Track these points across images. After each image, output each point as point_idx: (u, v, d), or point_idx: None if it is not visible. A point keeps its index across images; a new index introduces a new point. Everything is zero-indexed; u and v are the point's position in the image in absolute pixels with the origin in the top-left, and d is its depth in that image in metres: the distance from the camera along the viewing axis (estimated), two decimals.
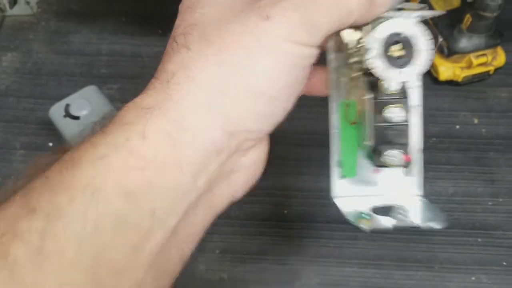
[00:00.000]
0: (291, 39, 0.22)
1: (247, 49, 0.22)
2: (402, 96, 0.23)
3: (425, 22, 0.23)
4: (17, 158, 0.42)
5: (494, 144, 0.42)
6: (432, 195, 0.40)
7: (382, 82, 0.23)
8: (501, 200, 0.39)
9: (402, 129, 0.23)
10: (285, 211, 0.39)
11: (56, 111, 0.41)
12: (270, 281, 0.37)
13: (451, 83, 0.45)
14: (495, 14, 0.41)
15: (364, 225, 0.25)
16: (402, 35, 0.22)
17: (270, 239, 0.39)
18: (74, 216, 0.19)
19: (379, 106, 0.23)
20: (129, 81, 0.47)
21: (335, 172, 0.26)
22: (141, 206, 0.20)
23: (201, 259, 0.37)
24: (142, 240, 0.20)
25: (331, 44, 0.25)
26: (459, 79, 0.45)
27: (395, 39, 0.22)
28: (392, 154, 0.24)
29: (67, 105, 0.41)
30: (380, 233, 0.38)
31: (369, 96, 0.24)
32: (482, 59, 0.44)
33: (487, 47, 0.44)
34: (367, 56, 0.22)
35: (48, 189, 0.20)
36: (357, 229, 0.26)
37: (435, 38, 0.44)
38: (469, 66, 0.44)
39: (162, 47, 0.55)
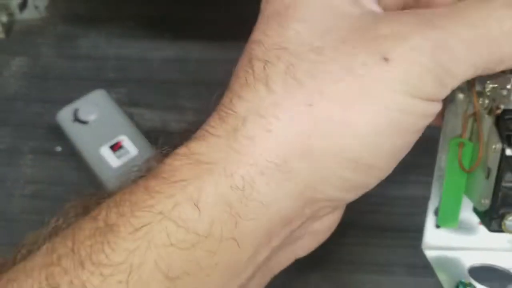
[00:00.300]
0: (414, 93, 0.16)
1: (347, 102, 0.16)
2: None
3: None
4: (25, 163, 0.42)
5: None
6: None
7: None
8: None
9: None
10: None
11: (64, 116, 0.41)
12: (279, 287, 0.37)
13: None
14: None
15: None
16: None
17: None
18: None
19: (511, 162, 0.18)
20: (137, 85, 0.47)
21: (430, 220, 0.23)
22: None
23: None
24: None
25: None
26: None
27: None
28: None
29: (76, 110, 0.41)
30: (391, 239, 0.38)
31: (498, 145, 0.19)
32: None
33: None
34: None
35: (75, 263, 0.17)
36: None
37: None
38: None
39: (170, 50, 0.55)
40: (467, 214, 0.22)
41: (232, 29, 0.53)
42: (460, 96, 0.20)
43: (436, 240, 0.22)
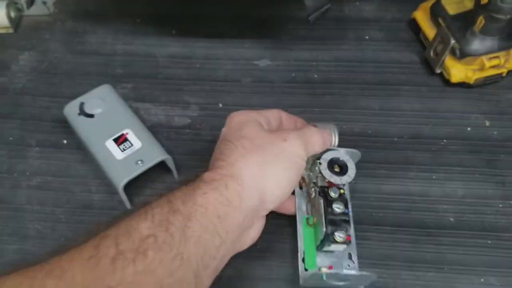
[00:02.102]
0: (298, 154, 0.35)
1: (276, 156, 0.34)
2: (341, 198, 0.37)
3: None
4: (32, 155, 0.43)
5: (506, 146, 0.42)
6: (442, 197, 0.40)
7: (329, 191, 0.37)
8: (511, 202, 0.39)
9: (344, 216, 0.36)
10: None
11: (70, 109, 0.42)
12: (277, 278, 0.37)
13: (463, 85, 0.45)
14: (508, 16, 0.41)
15: None
16: (337, 158, 0.39)
17: (278, 237, 0.39)
18: (195, 222, 0.31)
19: (329, 204, 0.37)
20: (142, 81, 0.48)
21: (300, 265, 0.37)
22: (223, 225, 0.31)
23: None
24: (217, 249, 0.31)
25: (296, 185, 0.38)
26: (471, 81, 0.45)
27: (334, 160, 0.39)
28: (339, 234, 0.36)
29: (82, 103, 0.42)
30: (389, 234, 0.38)
31: (322, 200, 0.37)
32: (495, 61, 0.44)
33: (500, 49, 0.44)
34: (321, 167, 0.38)
35: (175, 204, 0.31)
36: None
37: (447, 40, 0.44)
38: (482, 68, 0.44)
39: (176, 47, 0.55)
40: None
41: (237, 27, 0.54)
42: (302, 189, 0.40)
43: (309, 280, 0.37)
